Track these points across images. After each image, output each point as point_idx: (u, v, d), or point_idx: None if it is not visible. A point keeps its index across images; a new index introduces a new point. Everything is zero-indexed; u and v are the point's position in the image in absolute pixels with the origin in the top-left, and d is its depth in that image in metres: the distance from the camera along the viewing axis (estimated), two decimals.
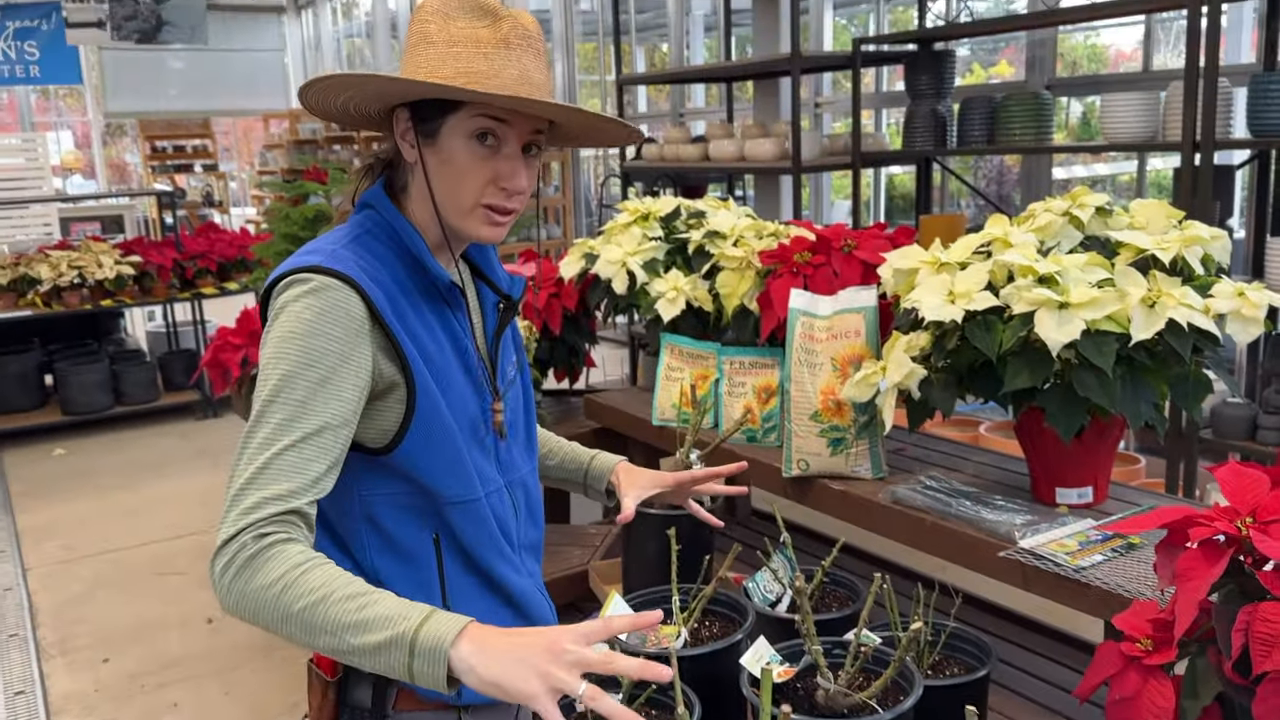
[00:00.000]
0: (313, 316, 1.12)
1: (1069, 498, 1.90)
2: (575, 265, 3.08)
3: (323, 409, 1.10)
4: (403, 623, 0.99)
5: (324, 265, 1.15)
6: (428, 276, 1.24)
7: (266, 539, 1.05)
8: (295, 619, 1.02)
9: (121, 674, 3.37)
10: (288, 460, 1.08)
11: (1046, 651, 2.21)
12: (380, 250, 1.22)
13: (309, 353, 1.11)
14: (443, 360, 1.22)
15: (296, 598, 1.02)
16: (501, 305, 1.35)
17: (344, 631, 1.00)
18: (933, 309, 1.79)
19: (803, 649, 1.55)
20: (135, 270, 6.26)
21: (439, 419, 1.19)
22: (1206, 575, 1.19)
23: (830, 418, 2.17)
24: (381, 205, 1.25)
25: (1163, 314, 1.63)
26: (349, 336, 1.13)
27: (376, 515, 1.20)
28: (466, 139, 1.19)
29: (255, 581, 1.03)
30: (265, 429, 1.09)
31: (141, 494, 5.16)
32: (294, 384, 1.10)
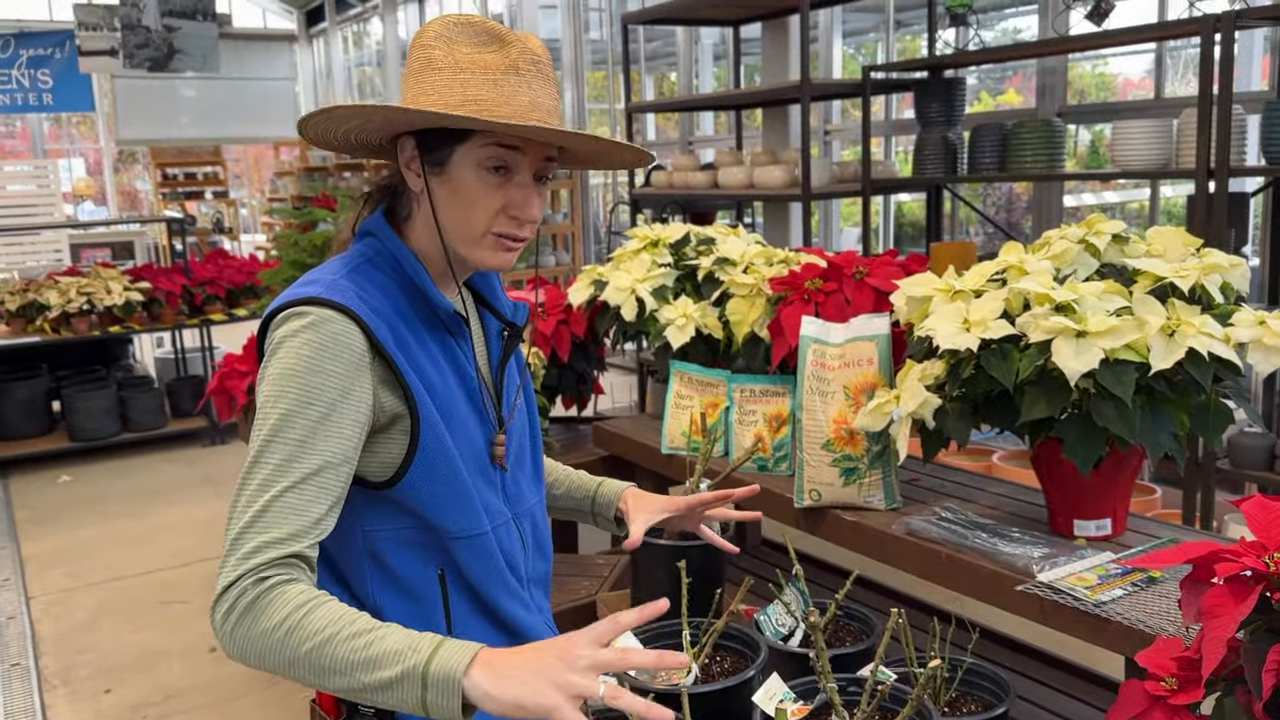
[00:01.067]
0: (311, 353, 1.09)
1: (1087, 530, 1.87)
2: (584, 292, 3.06)
3: (323, 448, 1.08)
4: (413, 656, 0.97)
5: (323, 296, 1.13)
6: (430, 305, 1.21)
7: (267, 582, 1.03)
8: (303, 662, 1.00)
9: (123, 705, 3.33)
10: (287, 502, 1.06)
11: (1066, 688, 2.16)
12: (381, 279, 1.20)
13: (308, 390, 1.09)
14: (446, 391, 1.19)
15: (302, 640, 1.00)
16: (505, 333, 1.33)
17: (354, 670, 0.98)
18: (947, 337, 1.76)
19: (817, 686, 1.51)
20: (144, 297, 6.27)
21: (443, 451, 1.17)
22: (1234, 613, 1.15)
23: (843, 447, 2.13)
24: (383, 234, 1.22)
25: (1182, 343, 1.60)
26: (349, 372, 1.11)
27: (380, 551, 1.17)
28: (477, 168, 1.17)
29: (258, 626, 1.02)
30: (264, 470, 1.07)
31: (147, 521, 5.14)
32: (293, 423, 1.08)
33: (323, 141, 1.23)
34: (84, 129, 16.95)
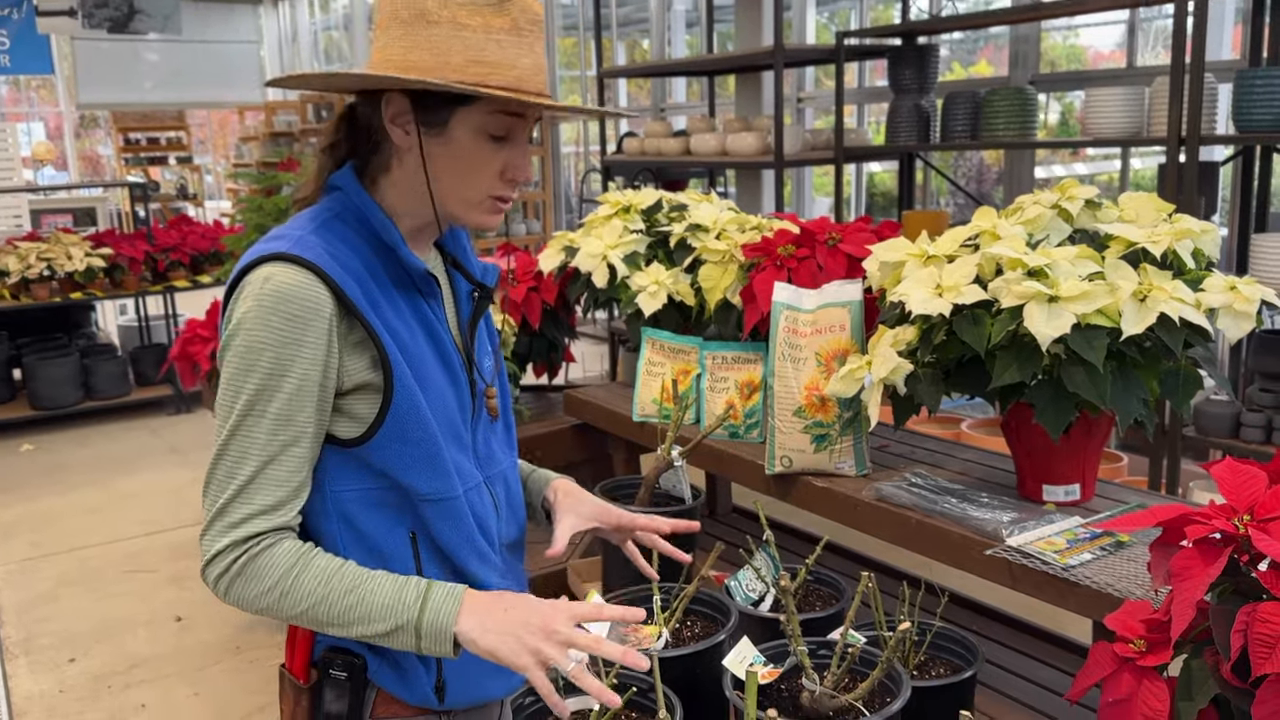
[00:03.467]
0: (281, 322, 1.06)
1: (1056, 495, 1.87)
2: (555, 258, 3.03)
3: (300, 418, 1.08)
4: (404, 612, 1.06)
5: (291, 253, 1.09)
6: (400, 264, 1.18)
7: (257, 547, 1.07)
8: (301, 618, 1.08)
9: (87, 674, 3.29)
10: (269, 474, 1.08)
11: (1034, 652, 2.18)
12: (350, 236, 1.16)
13: (280, 362, 1.07)
14: (418, 351, 1.16)
15: (296, 602, 1.07)
16: (476, 294, 1.29)
17: (350, 625, 1.07)
18: (920, 302, 1.75)
19: (787, 649, 1.51)
20: (106, 262, 6.15)
21: (415, 411, 1.14)
22: (1204, 575, 1.15)
23: (814, 414, 2.13)
24: (351, 189, 1.18)
25: (1154, 308, 1.60)
26: (319, 339, 1.08)
27: (350, 512, 1.15)
28: (478, 132, 1.13)
29: (251, 589, 1.08)
30: (243, 441, 1.07)
31: (111, 490, 5.07)
32: (269, 396, 1.07)
33: (298, 85, 1.19)
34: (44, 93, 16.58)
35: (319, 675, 1.15)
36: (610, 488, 2.39)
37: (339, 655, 1.15)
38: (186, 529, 4.39)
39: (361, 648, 1.16)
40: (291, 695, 1.16)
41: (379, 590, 1.07)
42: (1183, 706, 1.21)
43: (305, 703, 1.15)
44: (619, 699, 1.06)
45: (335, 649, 1.16)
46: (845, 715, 1.37)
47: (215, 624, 3.58)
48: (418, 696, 1.17)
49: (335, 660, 1.15)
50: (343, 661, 1.15)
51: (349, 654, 1.15)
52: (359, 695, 1.15)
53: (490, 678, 1.22)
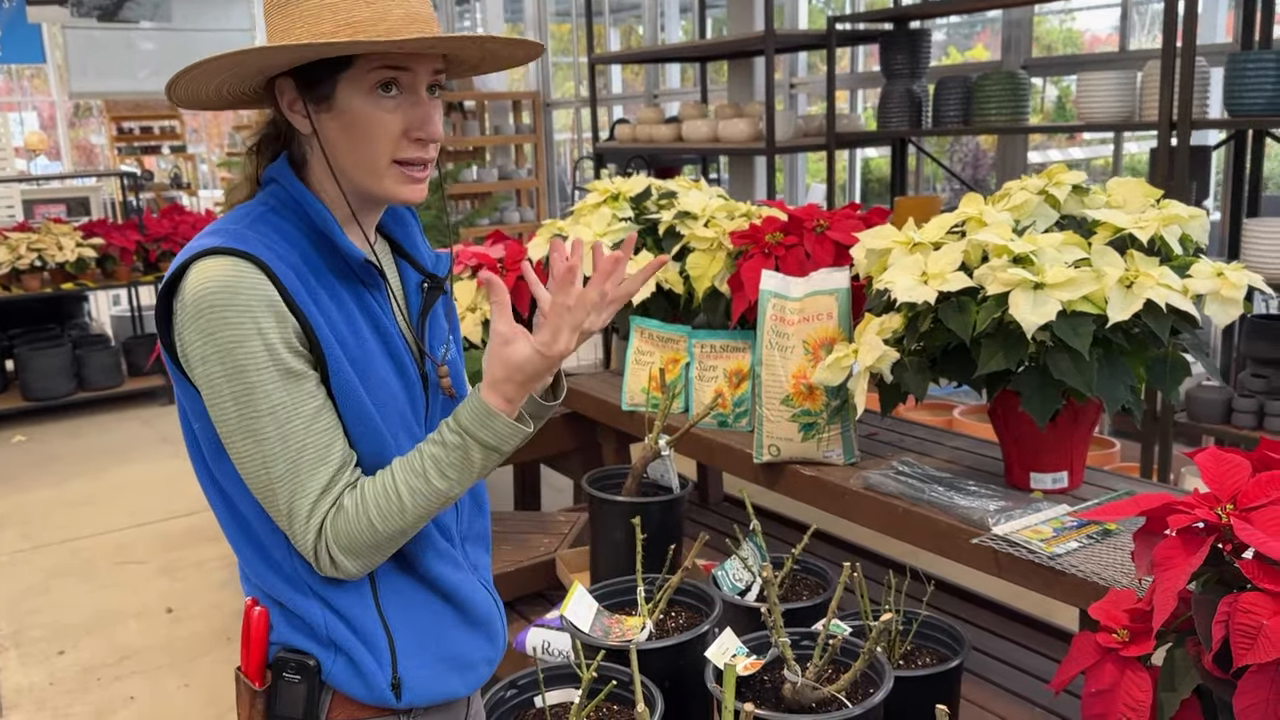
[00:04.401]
0: (238, 315, 1.04)
1: (1043, 483, 1.86)
2: (543, 247, 3.01)
3: (301, 396, 1.07)
4: (472, 446, 1.09)
5: (227, 246, 1.06)
6: (339, 255, 1.14)
7: (328, 526, 1.08)
8: (412, 527, 1.11)
9: (77, 666, 3.28)
10: (306, 460, 1.07)
11: (1021, 639, 2.17)
12: (287, 229, 1.12)
13: (253, 355, 1.04)
14: (358, 344, 1.13)
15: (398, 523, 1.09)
16: (426, 284, 1.25)
17: (448, 494, 1.10)
18: (905, 290, 1.74)
19: (771, 640, 1.50)
20: (97, 253, 6.13)
21: (356, 406, 1.11)
22: (1186, 564, 1.14)
23: (802, 402, 2.11)
24: (285, 179, 1.14)
25: (1140, 294, 1.58)
26: (277, 322, 1.06)
27: None
28: (368, 94, 1.08)
29: (361, 553, 1.09)
30: (260, 443, 1.06)
31: (103, 482, 5.06)
32: (259, 391, 1.05)
33: (195, 102, 1.14)
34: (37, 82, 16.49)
35: (273, 678, 1.13)
36: (598, 477, 2.38)
37: (292, 656, 1.13)
38: (178, 520, 4.38)
39: (315, 647, 1.13)
40: (247, 699, 1.14)
41: (438, 461, 1.08)
42: (1165, 697, 1.20)
43: (260, 706, 1.13)
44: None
45: (289, 649, 1.13)
46: (827, 707, 1.36)
47: (206, 615, 3.57)
48: (374, 695, 1.14)
49: (289, 662, 1.12)
50: (296, 663, 1.12)
51: (302, 654, 1.13)
52: (314, 698, 1.12)
53: (454, 674, 1.20)
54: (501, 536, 2.91)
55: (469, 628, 1.22)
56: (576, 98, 8.54)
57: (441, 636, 1.19)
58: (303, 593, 1.13)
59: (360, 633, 1.14)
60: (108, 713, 3.00)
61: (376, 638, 1.14)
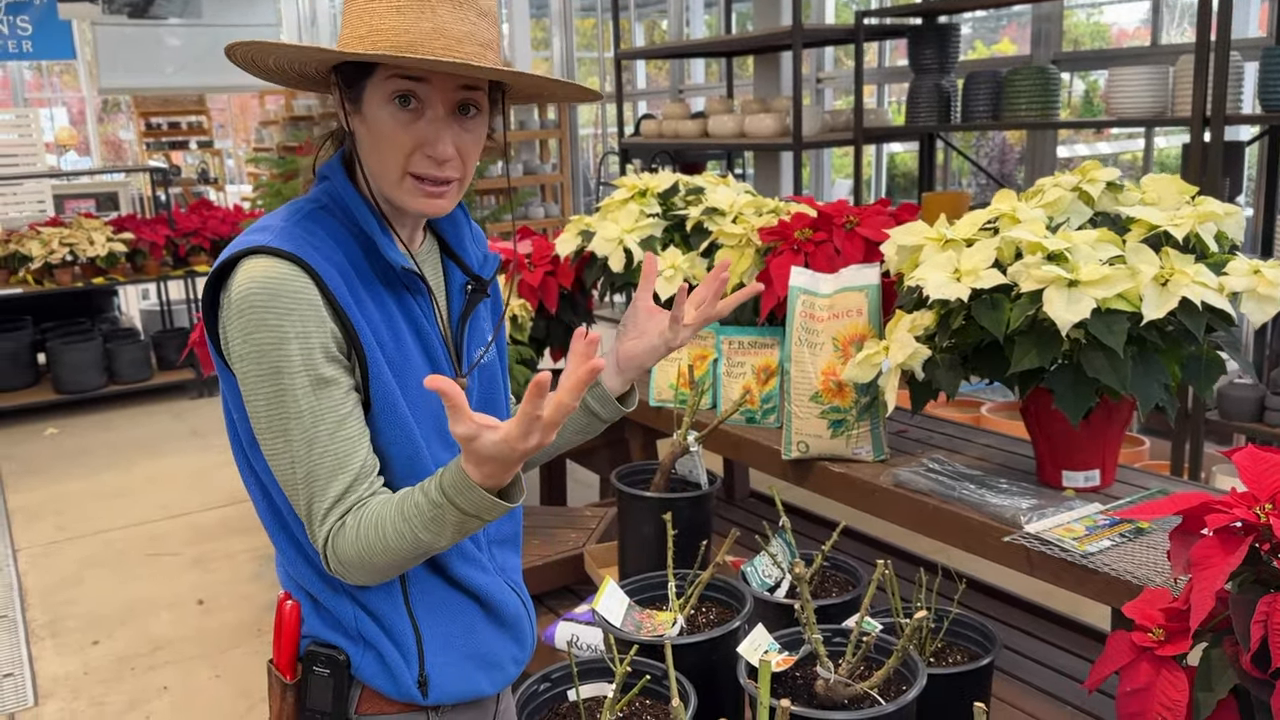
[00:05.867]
0: (277, 319, 1.04)
1: (1076, 481, 1.85)
2: (571, 242, 3.02)
3: (329, 405, 1.07)
4: (449, 509, 1.03)
5: (271, 246, 1.06)
6: (381, 259, 1.14)
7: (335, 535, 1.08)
8: (400, 564, 1.08)
9: (111, 656, 3.33)
10: (328, 465, 1.07)
11: (1053, 638, 2.17)
12: (334, 227, 1.13)
13: (289, 358, 1.05)
14: (400, 350, 1.13)
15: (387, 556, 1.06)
16: (470, 286, 1.25)
17: (428, 546, 1.06)
18: (938, 287, 1.74)
19: (802, 637, 1.50)
20: (127, 247, 6.19)
21: (394, 411, 1.12)
22: (1224, 564, 1.14)
23: (831, 399, 2.11)
24: (336, 178, 1.15)
25: (1176, 292, 1.57)
26: (316, 323, 1.06)
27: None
28: (386, 103, 1.09)
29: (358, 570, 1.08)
30: (288, 443, 1.07)
31: (134, 474, 5.12)
32: (292, 393, 1.06)
33: (254, 67, 1.15)
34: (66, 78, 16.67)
35: (304, 671, 1.15)
36: (626, 473, 2.39)
37: (323, 650, 1.14)
38: (209, 512, 4.43)
39: (345, 642, 1.15)
40: (278, 692, 1.15)
41: (420, 511, 1.05)
42: (1201, 697, 1.20)
43: (291, 698, 1.15)
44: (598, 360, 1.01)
45: (320, 643, 1.15)
46: (860, 703, 1.37)
47: (237, 607, 3.61)
48: (401, 691, 1.15)
49: (319, 656, 1.14)
50: (326, 658, 1.14)
51: (332, 649, 1.14)
52: (343, 691, 1.14)
53: (480, 672, 1.21)
54: (529, 531, 2.93)
55: (497, 628, 1.23)
56: (602, 93, 8.53)
57: (469, 636, 1.20)
58: (334, 588, 1.15)
59: (389, 630, 1.15)
60: (141, 702, 3.04)
61: (405, 635, 1.15)
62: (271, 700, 1.17)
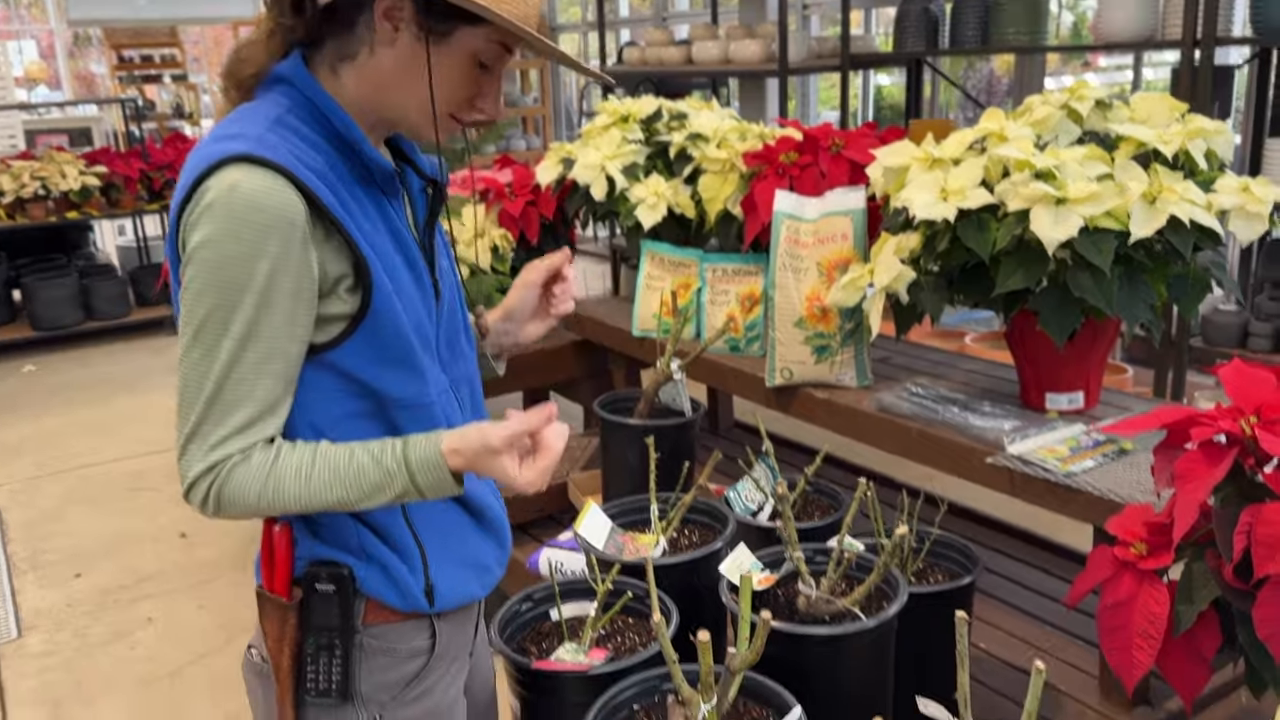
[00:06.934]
0: (253, 234, 1.00)
1: (1059, 403, 1.85)
2: (552, 171, 2.97)
3: (268, 333, 1.02)
4: (400, 480, 1.06)
5: (255, 154, 1.02)
6: (362, 162, 1.12)
7: (228, 465, 1.04)
8: (296, 511, 1.07)
9: (94, 589, 3.32)
10: (243, 393, 1.03)
11: (1034, 560, 2.18)
12: (307, 133, 1.09)
13: (251, 276, 1.00)
14: (386, 252, 1.12)
15: (286, 506, 1.06)
16: (429, 190, 1.24)
17: (351, 505, 1.07)
18: (924, 207, 1.71)
19: (784, 556, 1.50)
20: (101, 181, 6.08)
21: (391, 312, 1.10)
22: (1208, 476, 1.13)
23: (815, 325, 2.09)
24: (303, 82, 1.10)
25: (1164, 210, 1.55)
26: (292, 248, 1.02)
27: (320, 424, 1.11)
28: (470, 54, 1.11)
29: (237, 507, 1.05)
30: (213, 359, 1.02)
31: (113, 410, 5.08)
32: (239, 311, 1.01)
33: None
34: (35, 11, 16.23)
35: (305, 591, 1.13)
36: (608, 401, 2.37)
37: (324, 568, 1.13)
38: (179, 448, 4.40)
39: (348, 558, 1.14)
40: (277, 615, 1.13)
41: (364, 469, 1.05)
42: (1182, 609, 1.20)
43: (294, 620, 1.13)
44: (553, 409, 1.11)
45: (320, 562, 1.13)
46: (842, 619, 1.37)
47: (220, 539, 3.61)
48: (409, 602, 1.15)
49: (320, 573, 1.12)
50: (329, 574, 1.12)
51: (335, 565, 1.13)
52: (349, 605, 1.13)
53: (474, 577, 1.22)
54: None
55: (484, 533, 1.24)
56: (583, 22, 8.37)
57: (463, 543, 1.21)
58: None
59: (393, 544, 1.15)
60: (125, 633, 3.05)
61: (409, 548, 1.16)
62: (268, 627, 1.14)
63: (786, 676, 1.24)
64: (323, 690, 1.13)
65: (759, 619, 1.05)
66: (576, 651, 1.36)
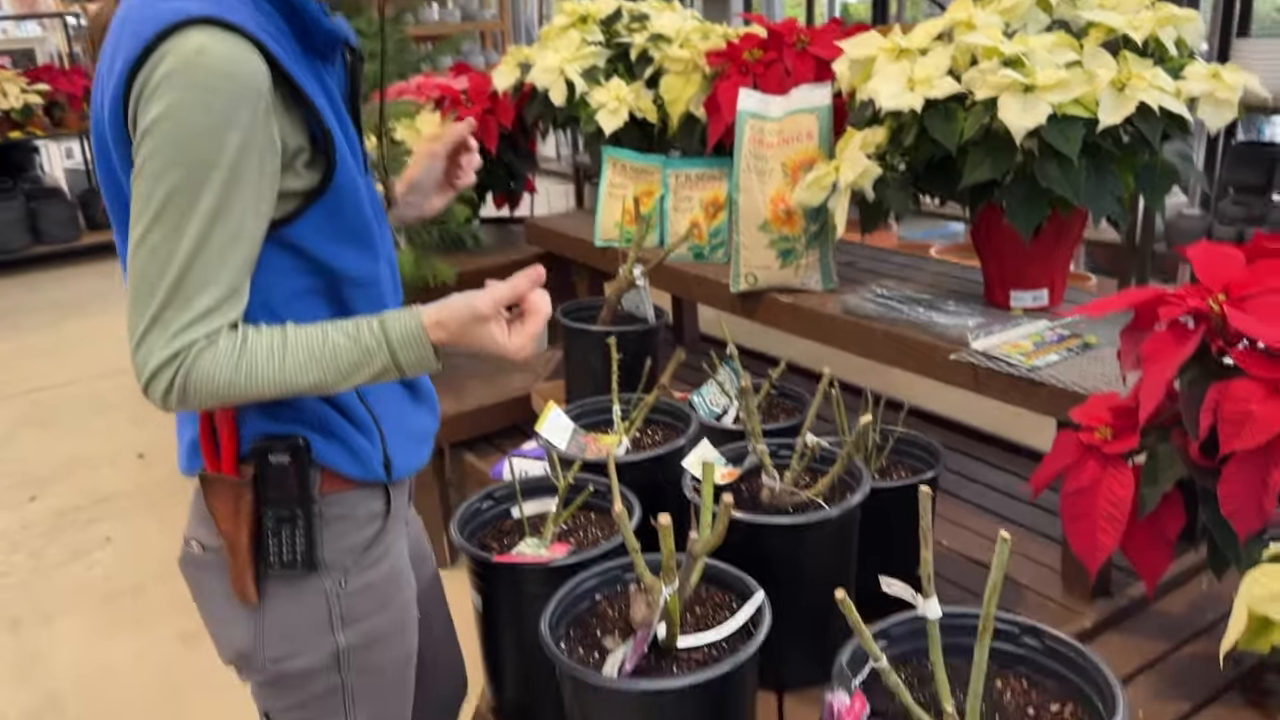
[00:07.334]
0: (223, 104, 0.93)
1: (1024, 301, 1.83)
2: (509, 75, 2.89)
3: (236, 210, 0.96)
4: (380, 357, 1.04)
5: (216, 16, 0.94)
6: (304, 26, 1.05)
7: (193, 352, 0.98)
8: (269, 398, 1.03)
9: (49, 511, 3.27)
10: (208, 275, 0.96)
11: (996, 461, 2.19)
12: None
13: (219, 149, 0.94)
14: (333, 124, 1.06)
15: (261, 391, 1.01)
16: (348, 58, 1.17)
17: (328, 387, 1.04)
18: (891, 98, 1.67)
19: (747, 451, 1.48)
20: (44, 99, 5.87)
21: (353, 186, 1.06)
22: (1175, 355, 1.12)
23: (780, 227, 2.06)
24: None
25: (1133, 97, 1.52)
26: (255, 116, 0.96)
27: (273, 302, 1.06)
28: None
29: (204, 397, 1.00)
30: (177, 239, 0.95)
31: (64, 334, 4.96)
32: (206, 186, 0.95)
33: None
34: None
35: (257, 465, 1.10)
36: (571, 309, 2.33)
37: (277, 441, 1.09)
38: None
39: (305, 430, 1.11)
40: (229, 494, 1.10)
41: (339, 354, 1.02)
42: (1146, 492, 1.20)
43: (248, 495, 1.09)
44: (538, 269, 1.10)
45: (270, 436, 1.10)
46: (805, 510, 1.36)
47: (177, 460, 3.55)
48: (368, 472, 1.15)
49: (274, 446, 1.09)
50: (284, 445, 1.09)
51: (288, 437, 1.10)
52: (305, 475, 1.10)
53: (420, 447, 1.23)
54: (475, 374, 2.88)
55: (418, 404, 1.25)
56: None
57: (406, 416, 1.21)
58: None
59: (353, 419, 1.14)
60: (83, 553, 3.00)
61: (366, 422, 1.15)
62: (219, 507, 1.11)
63: (750, 567, 1.23)
64: (287, 562, 1.11)
65: (722, 502, 1.03)
66: (538, 546, 1.34)
